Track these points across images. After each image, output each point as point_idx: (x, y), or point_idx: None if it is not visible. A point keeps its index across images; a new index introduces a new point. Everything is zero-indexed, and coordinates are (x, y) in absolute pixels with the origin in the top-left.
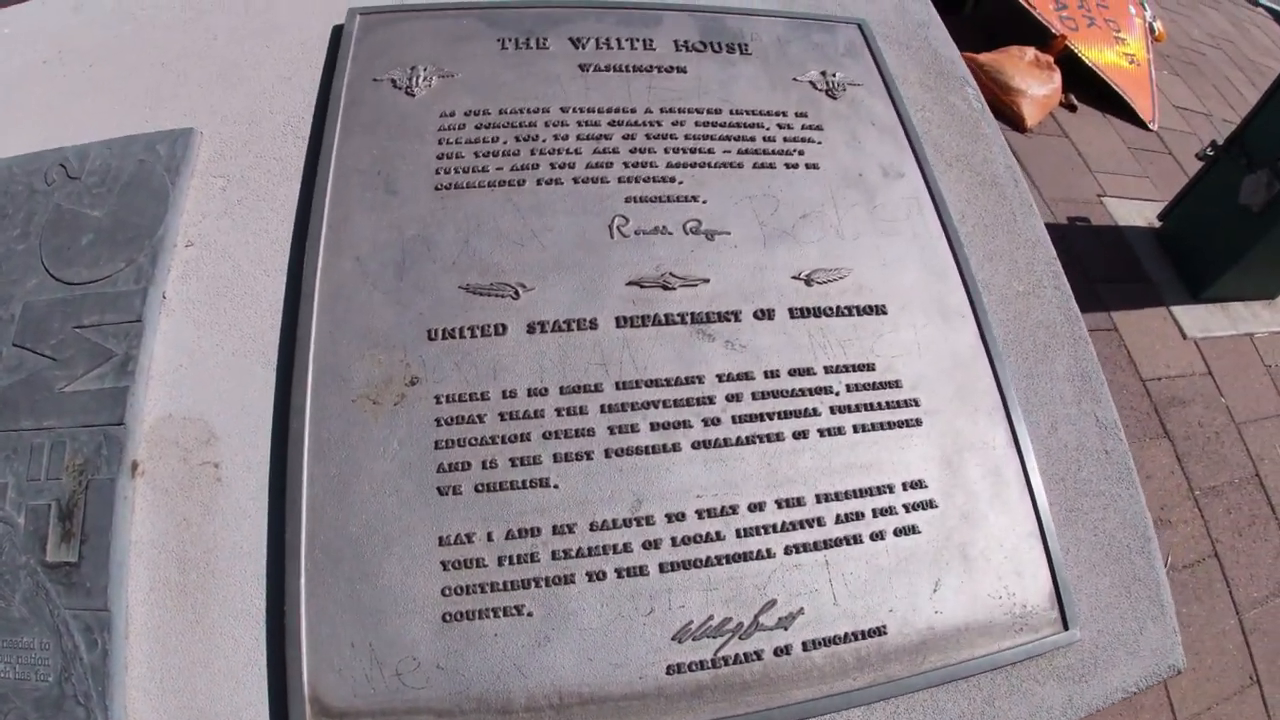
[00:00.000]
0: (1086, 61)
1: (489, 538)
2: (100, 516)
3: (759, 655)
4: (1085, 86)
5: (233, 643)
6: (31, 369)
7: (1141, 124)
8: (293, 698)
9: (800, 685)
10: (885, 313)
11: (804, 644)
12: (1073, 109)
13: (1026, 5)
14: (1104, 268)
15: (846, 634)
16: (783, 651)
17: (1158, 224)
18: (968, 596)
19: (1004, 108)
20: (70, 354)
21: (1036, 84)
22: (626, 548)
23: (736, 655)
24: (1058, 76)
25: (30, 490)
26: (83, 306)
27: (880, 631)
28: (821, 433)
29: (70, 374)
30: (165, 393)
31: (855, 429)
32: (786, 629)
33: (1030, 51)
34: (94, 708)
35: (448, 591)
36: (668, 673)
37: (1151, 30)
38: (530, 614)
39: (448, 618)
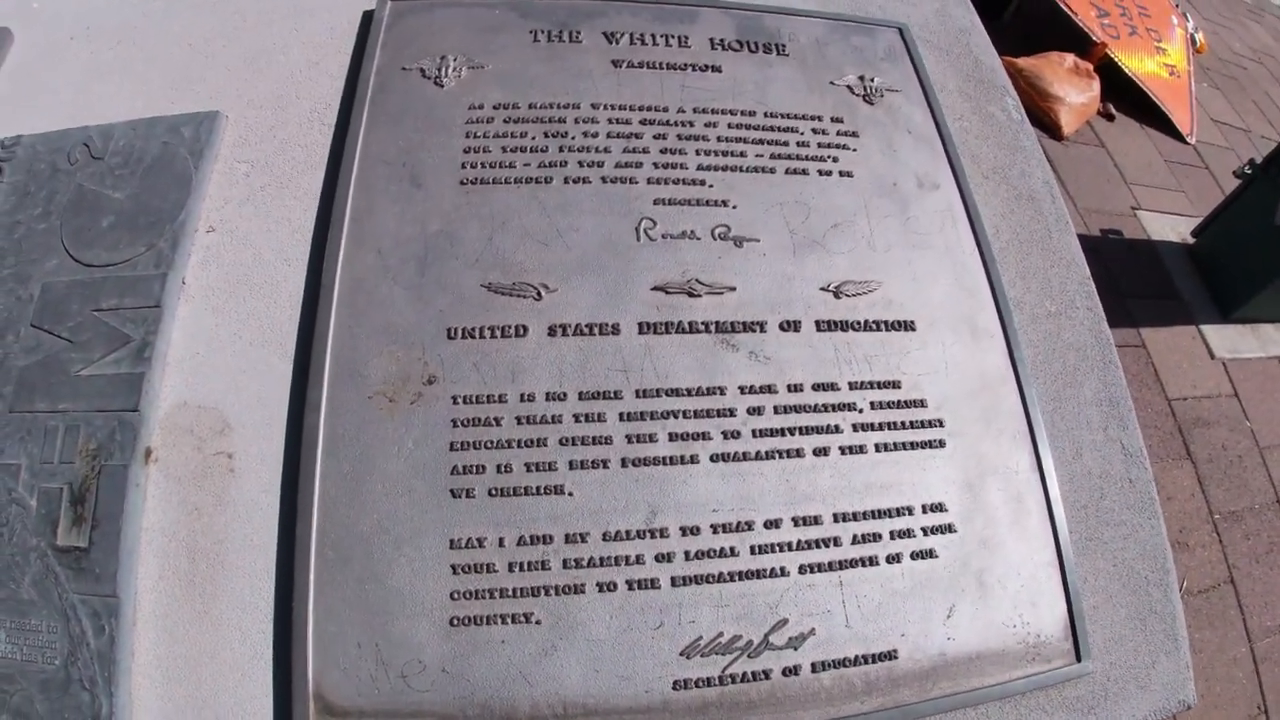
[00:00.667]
0: (1126, 70)
1: (500, 543)
2: (112, 502)
3: (767, 674)
4: (1123, 96)
5: (240, 635)
6: (49, 350)
7: (1179, 136)
8: (297, 694)
9: (807, 707)
10: (914, 329)
11: (813, 665)
12: (1110, 118)
13: (1068, 11)
14: (1135, 282)
15: (857, 657)
16: (791, 672)
17: (1191, 240)
18: (982, 624)
19: (1041, 114)
20: (88, 337)
21: (1075, 91)
22: (639, 559)
23: (744, 673)
24: (1097, 84)
25: (43, 473)
26: (102, 289)
27: (891, 656)
28: (843, 450)
29: (87, 357)
30: (181, 380)
31: (877, 448)
32: (796, 649)
33: (1070, 58)
34: (99, 693)
35: (456, 595)
36: (674, 688)
37: (1193, 41)
38: (539, 622)
39: (455, 622)
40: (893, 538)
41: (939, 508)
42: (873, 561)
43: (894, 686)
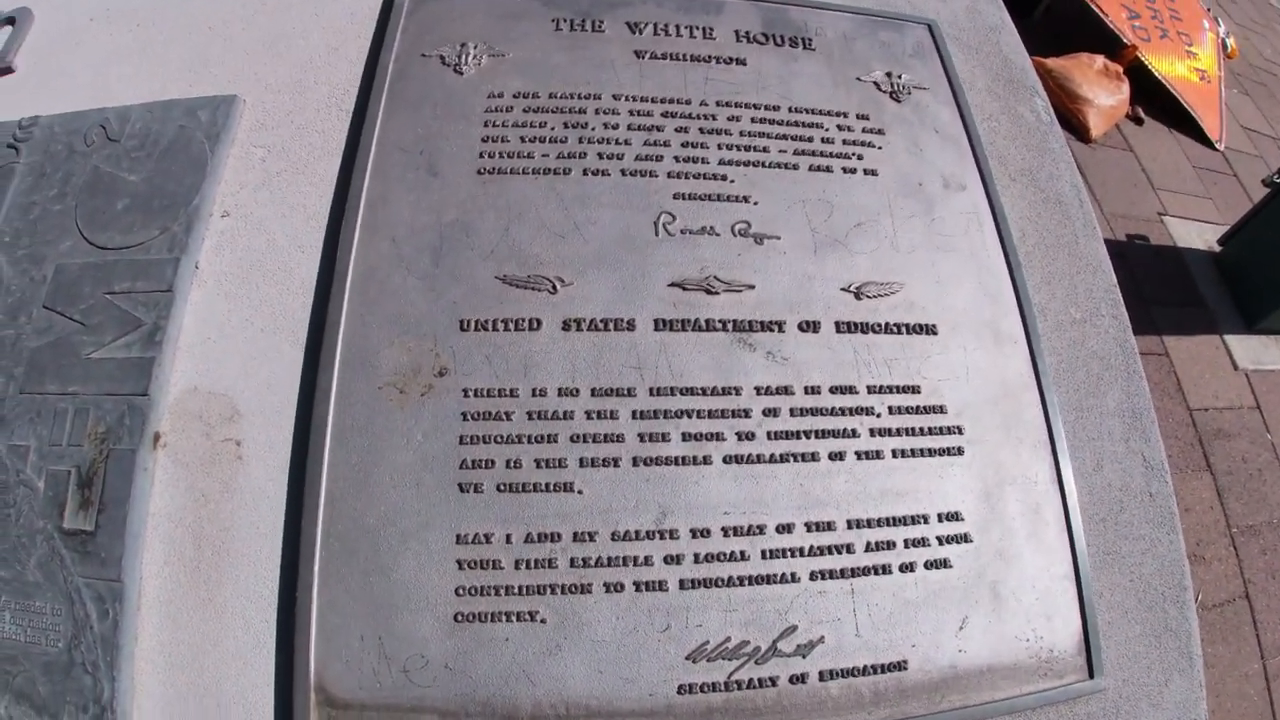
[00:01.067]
0: (1156, 74)
1: (508, 539)
2: (119, 487)
3: (774, 681)
4: (1152, 99)
5: (243, 624)
6: (60, 332)
7: (1208, 142)
8: (298, 685)
9: (813, 716)
10: (935, 333)
11: (821, 674)
12: (1139, 122)
13: (1099, 12)
14: (1159, 289)
15: (866, 667)
16: (798, 680)
17: (1218, 248)
18: (994, 637)
19: (1069, 116)
20: (99, 320)
21: (1104, 94)
22: (647, 561)
23: (751, 680)
24: (1126, 87)
25: (52, 455)
26: (114, 272)
27: (901, 666)
28: (859, 455)
29: (98, 340)
30: (192, 365)
31: (894, 454)
32: (804, 657)
33: (1100, 60)
34: (101, 677)
35: (461, 591)
36: (679, 692)
37: (1224, 46)
38: (544, 621)
39: (460, 618)
40: (907, 546)
41: (955, 517)
42: (885, 570)
43: (902, 698)
